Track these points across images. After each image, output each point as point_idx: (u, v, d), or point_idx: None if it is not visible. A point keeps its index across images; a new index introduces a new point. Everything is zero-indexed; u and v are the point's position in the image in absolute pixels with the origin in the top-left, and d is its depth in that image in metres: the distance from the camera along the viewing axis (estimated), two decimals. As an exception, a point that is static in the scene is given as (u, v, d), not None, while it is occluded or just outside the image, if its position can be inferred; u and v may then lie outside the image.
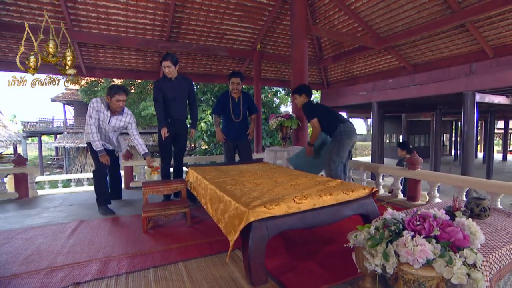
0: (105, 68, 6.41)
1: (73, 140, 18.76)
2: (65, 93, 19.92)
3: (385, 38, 5.77)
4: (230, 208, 1.94)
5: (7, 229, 2.86)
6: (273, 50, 6.97)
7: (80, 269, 1.98)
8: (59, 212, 3.56)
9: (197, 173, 2.98)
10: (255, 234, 1.70)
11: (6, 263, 2.09)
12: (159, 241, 2.46)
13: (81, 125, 20.48)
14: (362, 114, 21.84)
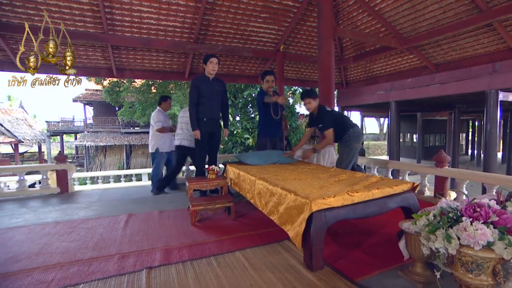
0: (134, 69, 6.62)
1: (93, 139, 19.24)
2: (85, 93, 20.44)
3: (408, 38, 5.79)
4: (286, 201, 2.07)
5: (67, 220, 3.07)
6: (295, 50, 7.06)
7: (146, 256, 2.14)
8: (104, 206, 3.77)
9: (239, 169, 3.12)
10: (316, 223, 1.83)
11: (79, 249, 2.27)
12: (209, 233, 2.61)
13: (100, 124, 21.01)
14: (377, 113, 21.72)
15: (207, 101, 3.75)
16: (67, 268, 1.96)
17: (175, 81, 11.71)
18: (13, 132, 15.81)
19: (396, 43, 5.84)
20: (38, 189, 4.98)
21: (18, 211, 3.52)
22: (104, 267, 1.97)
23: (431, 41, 5.89)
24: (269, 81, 4.19)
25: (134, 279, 1.80)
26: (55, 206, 3.87)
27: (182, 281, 1.79)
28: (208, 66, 3.70)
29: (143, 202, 3.92)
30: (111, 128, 20.68)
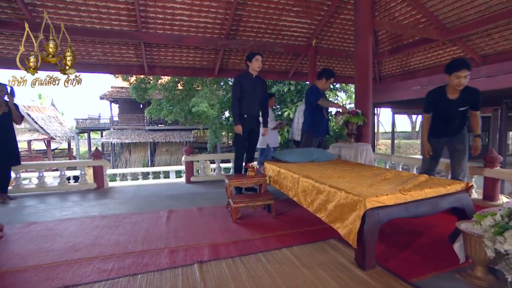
0: (165, 66, 6.86)
1: (118, 136, 20.06)
2: (111, 91, 21.33)
3: (452, 28, 5.58)
4: (336, 198, 2.10)
5: (111, 214, 3.28)
6: (327, 45, 7.01)
7: (195, 250, 2.25)
8: (141, 202, 3.97)
9: (279, 167, 3.18)
10: (369, 221, 1.85)
11: (129, 242, 2.43)
12: (252, 230, 2.70)
13: (125, 121, 21.86)
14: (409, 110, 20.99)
15: (249, 98, 3.86)
16: (122, 259, 2.10)
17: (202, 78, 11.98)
18: (46, 129, 16.85)
19: (438, 34, 5.65)
20: (77, 184, 5.30)
21: (66, 205, 3.80)
22: (156, 260, 2.10)
23: (479, 31, 5.63)
24: (331, 83, 4.34)
25: (187, 272, 1.91)
26: (97, 201, 4.13)
27: (235, 275, 1.87)
28: (254, 64, 3.82)
29: (179, 198, 4.08)
30: (136, 125, 21.46)
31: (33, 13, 4.78)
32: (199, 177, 5.90)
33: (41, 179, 5.09)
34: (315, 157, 3.68)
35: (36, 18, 4.85)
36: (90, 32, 5.29)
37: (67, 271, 1.94)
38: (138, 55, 6.37)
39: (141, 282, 1.80)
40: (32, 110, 17.87)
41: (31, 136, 16.13)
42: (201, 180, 5.85)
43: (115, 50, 6.16)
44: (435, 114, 3.27)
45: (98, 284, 1.77)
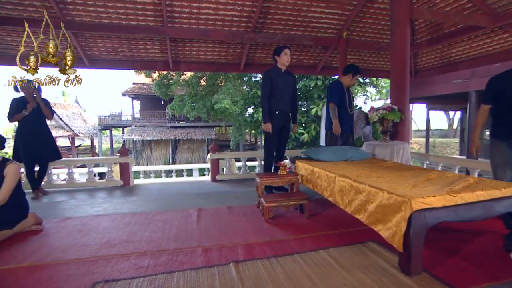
0: (189, 61, 7.00)
1: (140, 133, 20.70)
2: (132, 87, 22.01)
3: (503, 13, 5.30)
4: (377, 199, 2.07)
5: (141, 211, 3.41)
6: (359, 37, 6.87)
7: (228, 250, 2.30)
8: (169, 200, 4.09)
9: (312, 166, 3.17)
10: (415, 224, 1.81)
11: (162, 239, 2.53)
12: (286, 230, 2.71)
13: (146, 118, 22.50)
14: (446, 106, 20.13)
15: (279, 94, 3.87)
16: (157, 257, 2.19)
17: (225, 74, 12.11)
18: (71, 126, 17.70)
19: (487, 21, 5.39)
20: (104, 181, 5.54)
21: (96, 201, 3.99)
22: (190, 258, 2.17)
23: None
24: (356, 79, 4.28)
25: (224, 271, 1.96)
26: (125, 198, 4.31)
27: (272, 276, 1.90)
28: (282, 58, 3.82)
29: (206, 197, 4.17)
30: (157, 122, 22.04)
31: (63, 11, 5.02)
32: (225, 175, 5.99)
33: (71, 175, 5.37)
34: (349, 155, 3.63)
35: (67, 16, 5.10)
36: (117, 28, 5.49)
37: (106, 266, 2.04)
38: (163, 50, 6.53)
39: (178, 279, 1.87)
40: (57, 107, 18.83)
41: (56, 133, 16.99)
42: (226, 179, 5.95)
43: (141, 46, 6.35)
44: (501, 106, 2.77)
45: (136, 280, 1.85)
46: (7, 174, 2.51)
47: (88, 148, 23.70)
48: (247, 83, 13.86)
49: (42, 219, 2.93)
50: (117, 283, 1.83)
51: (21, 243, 2.49)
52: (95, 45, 6.12)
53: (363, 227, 2.65)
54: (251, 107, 13.93)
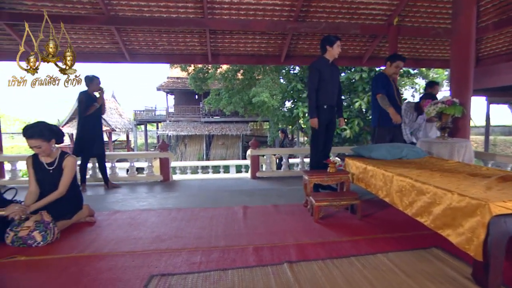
0: (229, 54, 7.11)
1: (174, 128, 21.42)
2: (167, 81, 22.80)
3: None
4: (445, 201, 1.99)
5: (186, 207, 3.56)
6: (412, 23, 6.56)
7: (280, 250, 2.33)
8: (212, 196, 4.24)
9: (365, 164, 3.11)
10: (495, 231, 1.72)
11: (210, 236, 2.62)
12: (338, 231, 2.70)
13: (180, 113, 23.22)
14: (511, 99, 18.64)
15: (327, 87, 3.83)
16: (208, 253, 2.28)
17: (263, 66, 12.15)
18: (108, 121, 18.75)
19: None
20: (145, 176, 5.82)
21: (141, 196, 4.23)
22: (242, 256, 2.23)
23: None
24: (399, 67, 4.11)
25: (278, 271, 2.00)
26: (168, 193, 4.52)
27: (330, 279, 1.90)
28: (335, 49, 3.80)
29: (250, 194, 4.25)
30: (191, 117, 22.67)
31: (108, 7, 5.31)
32: (265, 172, 6.04)
33: (113, 170, 5.70)
34: (404, 153, 3.51)
35: (111, 11, 5.39)
36: (157, 21, 5.71)
37: (159, 260, 2.16)
38: (202, 43, 6.69)
39: (232, 277, 1.93)
40: (95, 102, 20.00)
41: (94, 128, 18.05)
42: (267, 176, 6.00)
43: (180, 39, 6.55)
44: None
45: (191, 276, 1.94)
46: (66, 166, 2.74)
47: (124, 143, 24.98)
48: (285, 76, 13.79)
49: (94, 211, 3.16)
50: (172, 277, 1.93)
51: (79, 234, 2.71)
52: (135, 40, 6.41)
53: (423, 231, 2.58)
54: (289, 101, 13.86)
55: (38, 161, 2.75)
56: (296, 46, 7.01)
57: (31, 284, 1.89)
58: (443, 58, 7.77)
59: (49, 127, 2.75)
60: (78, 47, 6.37)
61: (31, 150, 2.71)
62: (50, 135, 2.70)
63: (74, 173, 2.86)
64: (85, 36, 6.12)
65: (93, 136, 4.78)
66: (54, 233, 2.46)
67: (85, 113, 4.68)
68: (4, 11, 5.16)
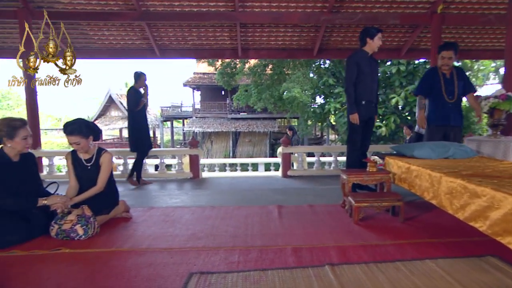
0: (259, 48, 7.14)
1: (200, 124, 21.79)
2: (193, 77, 23.19)
3: None
4: (506, 205, 1.89)
5: (219, 205, 3.62)
6: (458, 10, 6.26)
7: (320, 251, 2.31)
8: (244, 194, 4.29)
9: (409, 163, 3.02)
10: None
11: (246, 235, 2.65)
12: (380, 234, 2.64)
13: (206, 109, 23.57)
14: None
15: (366, 81, 3.76)
16: (246, 253, 2.30)
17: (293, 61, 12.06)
18: (135, 117, 19.36)
19: None
20: (174, 172, 5.98)
21: (173, 193, 4.36)
22: (280, 256, 2.24)
23: None
24: (444, 57, 3.91)
25: (320, 273, 1.98)
26: (199, 190, 4.66)
27: (375, 284, 1.86)
28: (376, 42, 3.73)
29: (283, 193, 4.26)
30: (218, 113, 22.95)
31: (140, 2, 5.48)
32: (297, 171, 6.02)
33: (144, 166, 5.89)
34: (451, 153, 3.36)
35: (142, 7, 5.56)
36: (188, 16, 5.83)
37: (197, 258, 2.21)
38: (232, 37, 6.75)
39: (273, 278, 1.94)
40: (123, 98, 20.72)
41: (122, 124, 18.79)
42: (298, 175, 5.98)
43: (210, 33, 6.64)
44: None
45: (231, 275, 1.97)
46: (103, 163, 2.87)
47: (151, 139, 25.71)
48: (316, 71, 13.61)
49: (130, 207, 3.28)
50: (212, 275, 1.97)
51: (116, 229, 2.83)
52: (166, 35, 6.58)
53: (474, 237, 2.48)
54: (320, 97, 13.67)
55: (77, 157, 2.90)
56: (330, 39, 6.92)
57: (77, 276, 2.00)
58: (493, 48, 7.38)
59: (87, 124, 2.89)
60: (110, 43, 6.64)
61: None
62: (88, 132, 2.83)
63: (111, 169, 2.98)
64: (117, 33, 6.35)
65: (144, 131, 5.10)
66: (95, 227, 2.59)
67: (135, 108, 4.92)
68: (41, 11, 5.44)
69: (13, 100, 37.22)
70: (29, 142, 2.60)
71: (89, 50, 6.69)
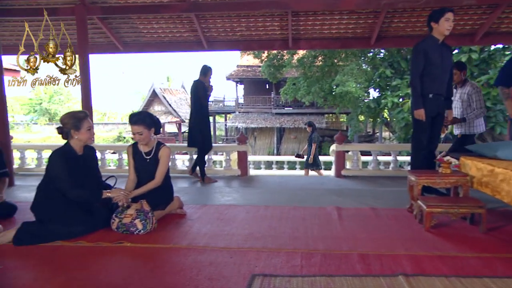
0: (311, 38, 7.02)
1: (244, 120, 22.05)
2: (237, 70, 23.49)
3: None
4: None
5: (273, 205, 3.63)
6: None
7: (390, 259, 2.22)
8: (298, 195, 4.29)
9: (492, 165, 2.80)
10: None
11: (306, 238, 2.63)
12: (458, 245, 2.49)
13: (250, 104, 23.79)
14: None
15: (435, 72, 3.51)
16: (309, 256, 2.27)
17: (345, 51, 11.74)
18: (178, 112, 20.11)
19: None
20: (222, 169, 6.09)
21: (224, 190, 4.47)
22: (347, 263, 2.18)
23: None
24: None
25: (393, 284, 1.90)
26: (250, 189, 4.75)
27: (460, 299, 1.75)
28: (442, 25, 3.40)
29: (340, 194, 4.18)
30: (262, 108, 23.07)
31: (188, -6, 5.62)
32: (352, 170, 5.88)
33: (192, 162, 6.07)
34: None
35: (191, -2, 5.70)
36: (238, 6, 5.87)
37: (258, 259, 2.22)
38: (283, 27, 6.70)
39: (341, 285, 1.89)
40: (166, 93, 21.59)
41: (165, 119, 19.57)
42: (353, 175, 5.83)
43: (259, 23, 6.64)
44: None
45: (295, 280, 1.96)
46: (162, 157, 3.00)
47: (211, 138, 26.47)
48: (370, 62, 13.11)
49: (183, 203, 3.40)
50: (275, 279, 1.97)
51: (172, 225, 2.95)
52: (214, 26, 6.69)
53: None
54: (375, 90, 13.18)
55: (137, 150, 3.06)
56: (390, 26, 6.60)
57: (140, 270, 2.11)
58: None
59: (151, 116, 3.06)
60: (158, 36, 6.90)
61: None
62: (151, 124, 2.98)
63: (169, 163, 3.11)
64: (165, 25, 6.58)
65: (209, 127, 5.24)
66: (153, 222, 2.71)
67: (205, 102, 5.12)
68: (96, 6, 5.80)
69: (64, 95, 40.37)
70: (92, 133, 2.80)
71: (138, 44, 7.00)
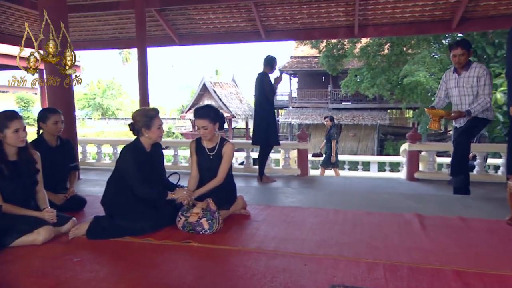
0: (380, 24, 6.77)
1: (298, 115, 21.90)
2: (291, 62, 23.37)
3: None
4: None
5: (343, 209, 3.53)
6: None
7: (492, 279, 2.02)
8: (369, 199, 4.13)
9: None
10: None
11: (385, 247, 2.51)
12: None
13: (304, 98, 23.57)
14: None
15: None
16: (393, 269, 2.14)
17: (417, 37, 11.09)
18: (229, 107, 20.49)
19: None
20: (280, 168, 6.07)
21: (286, 191, 4.45)
22: (440, 279, 2.01)
23: None
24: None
25: (502, 308, 1.73)
26: (315, 190, 4.78)
27: None
28: None
29: (418, 200, 3.98)
30: (317, 103, 22.75)
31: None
32: (427, 173, 5.57)
33: (248, 160, 6.14)
34: None
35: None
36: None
37: (336, 268, 2.15)
38: (348, 12, 6.51)
39: (438, 305, 1.77)
40: (216, 87, 22.07)
41: (215, 114, 19.90)
42: (428, 178, 5.53)
43: (322, 9, 6.52)
44: None
45: (381, 294, 1.86)
46: (225, 153, 3.04)
47: (242, 130, 26.88)
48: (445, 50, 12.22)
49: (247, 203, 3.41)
50: (358, 291, 1.89)
51: (237, 226, 2.97)
52: (273, 14, 6.68)
53: None
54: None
55: (201, 145, 3.12)
56: (478, 4, 6.09)
57: (211, 272, 2.15)
58: None
59: (216, 110, 3.12)
60: (214, 27, 7.06)
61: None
62: (216, 118, 3.04)
63: (232, 160, 3.14)
64: (222, 15, 6.70)
65: (275, 124, 5.21)
66: (219, 222, 2.74)
67: (273, 96, 5.10)
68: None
69: (115, 90, 43.14)
70: (162, 131, 2.91)
71: (194, 36, 7.22)
